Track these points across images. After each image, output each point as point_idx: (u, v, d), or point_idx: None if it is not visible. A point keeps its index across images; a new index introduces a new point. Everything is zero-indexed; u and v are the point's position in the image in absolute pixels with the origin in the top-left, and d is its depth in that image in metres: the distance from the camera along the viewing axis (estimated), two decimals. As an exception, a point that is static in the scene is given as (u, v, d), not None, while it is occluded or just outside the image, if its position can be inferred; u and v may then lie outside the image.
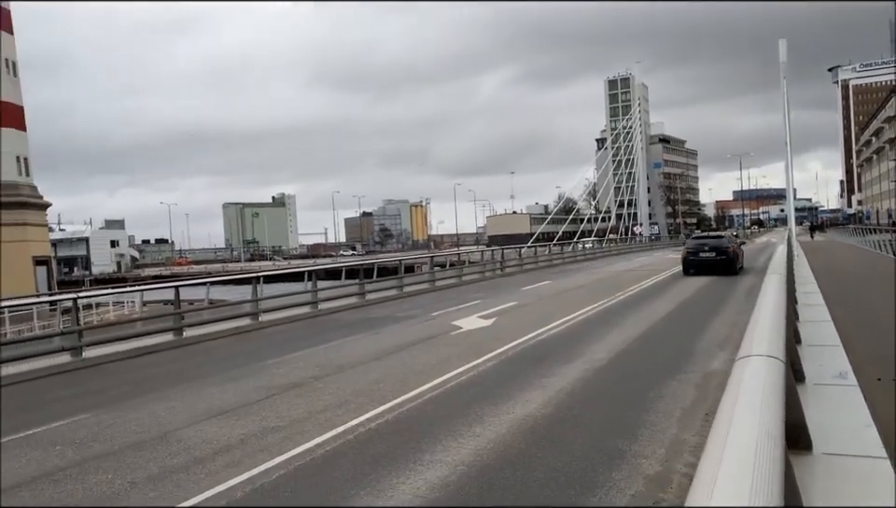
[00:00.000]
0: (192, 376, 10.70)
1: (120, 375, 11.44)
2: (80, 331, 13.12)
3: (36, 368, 11.90)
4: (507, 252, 36.24)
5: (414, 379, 9.08)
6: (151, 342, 14.33)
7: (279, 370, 10.57)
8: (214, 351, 13.74)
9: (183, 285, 16.79)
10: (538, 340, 11.89)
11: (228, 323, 16.51)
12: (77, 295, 14.03)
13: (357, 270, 23.08)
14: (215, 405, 8.43)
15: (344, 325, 16.15)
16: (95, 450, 6.84)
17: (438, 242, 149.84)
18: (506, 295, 20.57)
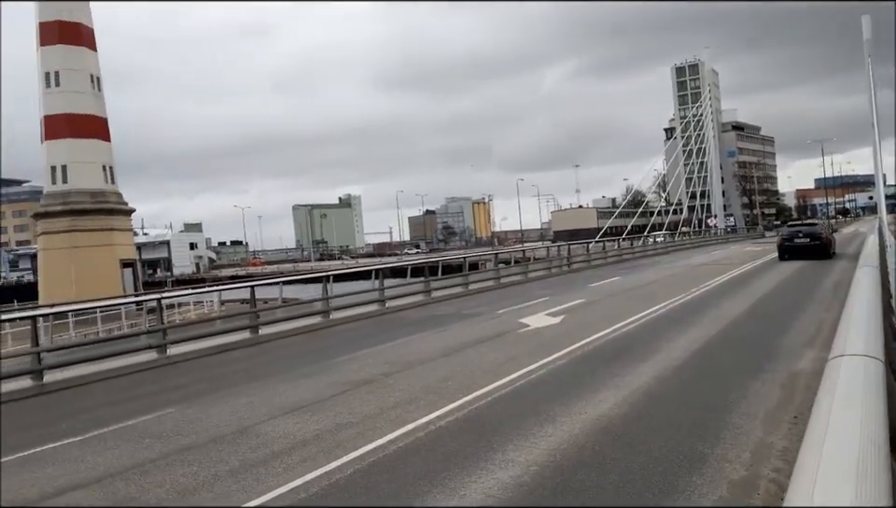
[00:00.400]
0: (268, 373, 11.02)
1: (202, 372, 11.90)
2: (164, 330, 13.73)
3: (126, 365, 12.53)
4: (573, 248, 35.69)
5: (483, 377, 9.06)
6: (229, 340, 14.85)
7: (350, 367, 10.76)
8: (288, 348, 14.12)
9: (258, 285, 17.32)
10: (609, 338, 11.67)
11: (300, 321, 16.94)
12: (160, 296, 14.68)
13: (422, 268, 23.25)
14: (290, 401, 8.66)
15: (411, 323, 16.30)
16: (180, 443, 7.14)
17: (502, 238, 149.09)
18: (574, 292, 20.28)
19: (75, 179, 35.10)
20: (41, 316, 13.42)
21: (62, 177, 35.16)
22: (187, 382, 10.93)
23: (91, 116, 35.85)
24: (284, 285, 20.15)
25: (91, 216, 34.86)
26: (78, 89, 35.30)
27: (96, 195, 35.50)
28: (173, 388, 10.41)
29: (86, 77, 35.79)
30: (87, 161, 35.44)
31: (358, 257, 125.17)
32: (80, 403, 9.90)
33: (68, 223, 34.39)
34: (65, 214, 34.54)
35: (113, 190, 36.90)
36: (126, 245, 37.66)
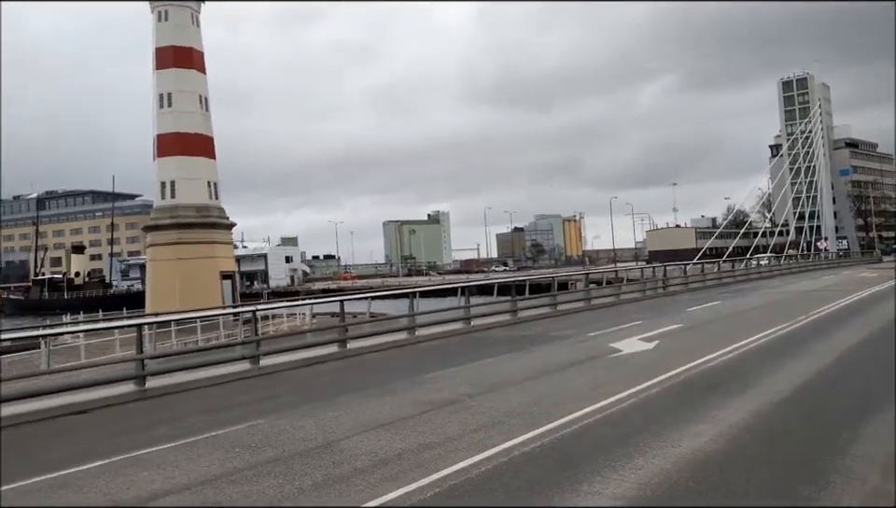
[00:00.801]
0: (355, 388, 11.14)
1: (292, 384, 12.19)
2: (258, 341, 14.20)
3: (221, 374, 13.02)
4: (670, 269, 34.39)
5: (570, 403, 8.78)
6: (319, 353, 15.17)
7: (434, 385, 10.72)
8: (374, 364, 14.27)
9: (347, 299, 17.67)
10: (707, 367, 11.08)
11: (387, 337, 17.12)
12: (255, 308, 15.21)
13: (509, 286, 23.03)
14: (375, 417, 8.69)
15: (497, 342, 16.12)
16: (268, 454, 7.28)
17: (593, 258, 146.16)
18: (669, 316, 19.49)
19: (182, 194, 37.25)
20: (146, 324, 14.21)
21: (170, 192, 37.40)
22: (277, 393, 11.21)
23: (198, 134, 38.00)
24: (372, 300, 20.46)
25: (195, 229, 36.84)
26: (188, 109, 37.54)
27: (201, 210, 37.50)
28: (264, 399, 10.69)
29: (195, 98, 38.02)
30: (193, 177, 37.54)
31: (445, 273, 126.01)
32: (178, 410, 10.33)
33: (174, 236, 36.49)
34: (172, 227, 36.67)
35: (216, 205, 38.85)
36: (226, 257, 39.48)
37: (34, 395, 11.11)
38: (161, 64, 37.56)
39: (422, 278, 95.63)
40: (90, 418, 10.19)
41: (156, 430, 8.85)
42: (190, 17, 38.09)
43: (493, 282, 25.32)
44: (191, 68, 37.99)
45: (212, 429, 8.59)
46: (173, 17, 37.41)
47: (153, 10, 37.83)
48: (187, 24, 37.89)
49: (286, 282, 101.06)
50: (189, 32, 38.00)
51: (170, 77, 37.39)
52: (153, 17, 37.93)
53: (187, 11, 37.81)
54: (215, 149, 39.41)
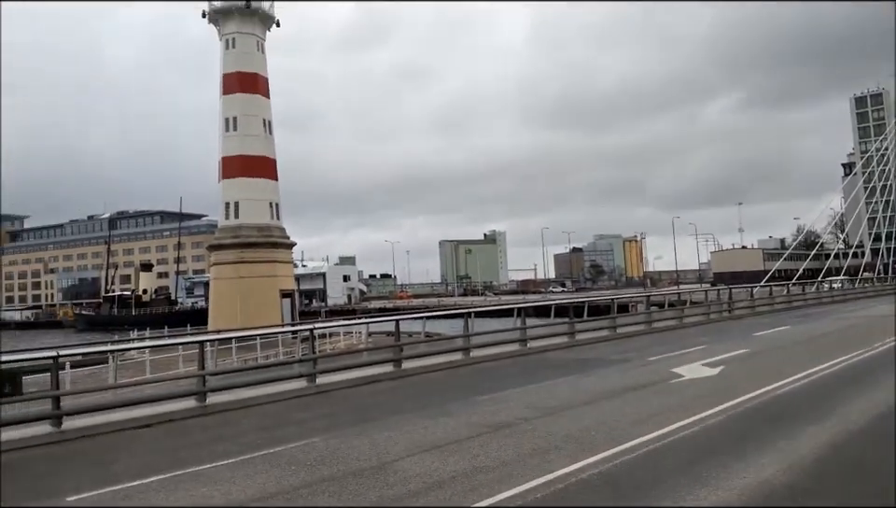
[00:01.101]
0: (409, 408, 11.11)
1: (347, 403, 12.27)
2: (315, 360, 14.37)
3: (279, 391, 13.21)
4: (735, 292, 33.26)
5: (630, 429, 8.53)
6: (374, 372, 15.24)
7: (489, 407, 10.60)
8: (429, 384, 14.23)
9: (403, 318, 17.74)
10: (774, 394, 10.60)
11: (441, 357, 17.08)
12: (313, 326, 15.42)
13: (567, 308, 22.69)
14: (429, 438, 8.64)
15: (553, 365, 15.86)
16: (323, 473, 7.31)
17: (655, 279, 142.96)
18: (735, 341, 18.79)
19: (245, 215, 38.34)
20: (208, 341, 14.59)
21: (234, 213, 38.56)
22: (333, 412, 11.29)
23: (261, 157, 39.14)
24: (427, 319, 20.48)
25: (257, 248, 37.81)
26: (252, 132, 38.76)
27: (262, 229, 38.48)
28: (320, 418, 10.77)
29: (259, 122, 39.23)
30: (256, 198, 38.62)
31: (501, 293, 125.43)
32: (237, 427, 10.51)
33: (237, 255, 37.52)
34: (235, 246, 37.73)
35: (277, 225, 39.81)
36: (286, 276, 40.31)
37: (102, 409, 11.51)
38: (227, 90, 38.96)
39: (477, 298, 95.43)
40: (153, 432, 10.47)
41: (215, 446, 9.01)
42: (256, 44, 39.44)
43: (550, 303, 25.02)
44: (256, 93, 39.25)
45: (269, 446, 8.70)
46: (239, 44, 38.82)
47: (221, 38, 39.35)
48: (252, 51, 39.25)
49: (343, 300, 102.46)
50: (254, 58, 39.34)
51: (236, 102, 38.73)
52: (221, 45, 39.45)
53: (252, 39, 39.18)
54: (277, 171, 40.48)
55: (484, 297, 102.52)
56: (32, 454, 9.32)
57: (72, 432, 10.28)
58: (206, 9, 39.15)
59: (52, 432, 10.25)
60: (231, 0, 38.72)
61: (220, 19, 39.02)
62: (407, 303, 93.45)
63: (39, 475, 8.23)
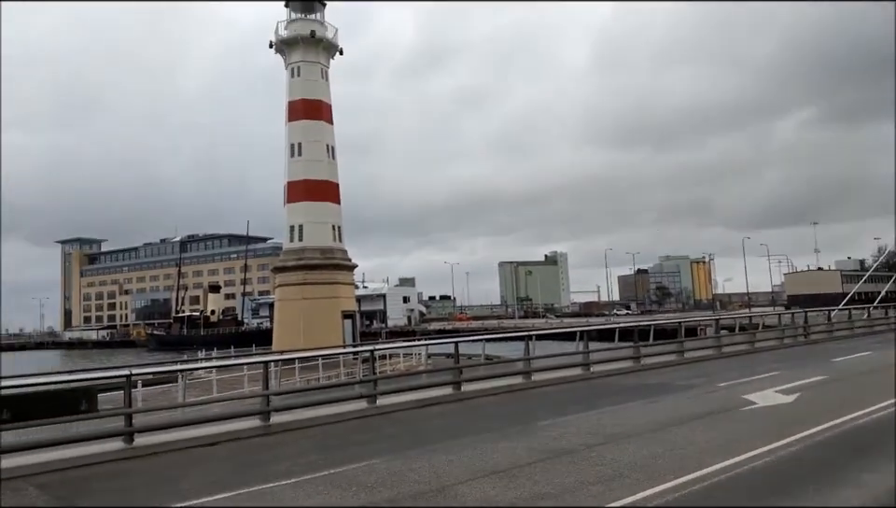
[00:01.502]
0: (469, 431, 11.02)
1: (407, 425, 12.26)
2: (375, 381, 14.45)
3: (340, 412, 13.33)
4: (811, 315, 31.83)
5: (698, 458, 8.20)
6: (433, 394, 15.21)
7: (551, 433, 10.40)
8: (488, 408, 14.09)
9: (462, 340, 17.67)
10: (855, 424, 10.02)
11: (501, 380, 16.91)
12: (374, 347, 15.55)
13: (632, 331, 22.16)
14: (489, 463, 8.53)
15: (617, 390, 15.47)
16: (383, 495, 7.31)
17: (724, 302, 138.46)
18: (811, 367, 17.92)
19: (308, 238, 39.21)
20: (272, 361, 14.90)
21: (298, 235, 39.49)
22: (393, 434, 11.30)
23: (325, 181, 40.05)
24: (487, 342, 20.37)
25: (319, 270, 38.54)
26: (316, 158, 39.75)
27: (325, 252, 39.24)
28: (380, 439, 10.80)
29: (323, 148, 40.22)
30: (319, 221, 39.47)
31: (563, 316, 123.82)
32: (299, 447, 10.65)
33: (301, 277, 38.33)
34: (299, 268, 38.57)
35: (339, 248, 40.53)
36: (348, 297, 40.90)
37: (171, 426, 11.86)
38: (292, 117, 40.18)
39: (538, 321, 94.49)
40: (219, 451, 10.71)
41: (278, 466, 9.13)
42: (320, 72, 40.61)
43: (614, 326, 24.50)
44: (320, 119, 40.31)
45: (330, 466, 8.76)
46: (304, 73, 40.04)
47: (287, 67, 40.71)
48: (317, 79, 40.41)
49: (403, 322, 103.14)
50: (318, 86, 40.48)
51: (300, 129, 39.86)
52: (287, 73, 40.80)
53: (317, 67, 40.37)
54: (339, 195, 41.32)
55: (545, 319, 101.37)
56: (105, 469, 9.65)
57: (143, 449, 10.62)
58: (273, 40, 40.58)
59: (125, 448, 10.61)
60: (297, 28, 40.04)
61: (286, 49, 40.38)
62: (466, 324, 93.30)
63: (112, 491, 8.52)
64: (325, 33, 40.74)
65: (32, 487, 8.60)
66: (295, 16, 40.82)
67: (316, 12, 41.26)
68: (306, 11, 40.86)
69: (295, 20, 40.65)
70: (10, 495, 8.30)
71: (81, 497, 8.14)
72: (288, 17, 40.98)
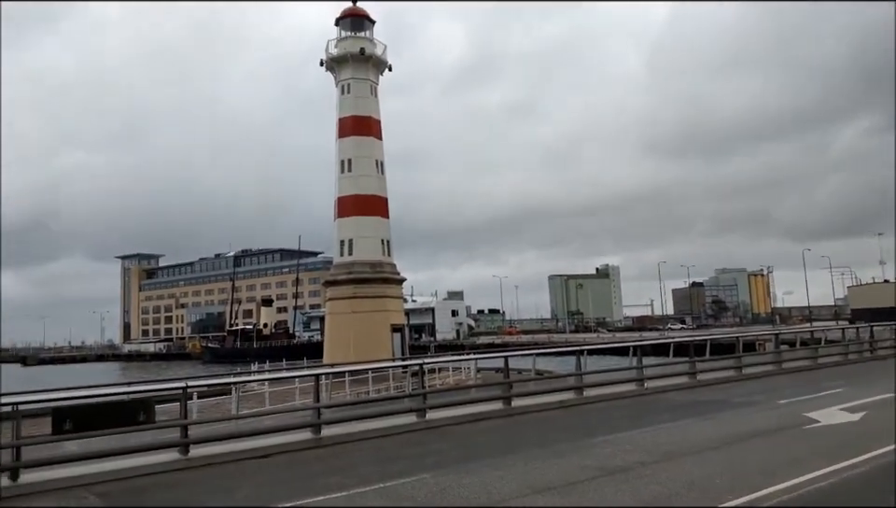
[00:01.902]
0: (520, 447, 10.89)
1: (457, 440, 12.19)
2: (425, 395, 14.44)
3: (390, 426, 13.35)
4: (877, 330, 30.45)
5: (758, 478, 7.89)
6: (483, 409, 15.09)
7: (604, 450, 10.18)
8: (539, 423, 13.90)
9: (512, 355, 17.52)
10: (927, 445, 9.50)
11: (553, 396, 16.69)
12: (423, 361, 15.54)
13: (687, 346, 21.58)
14: (540, 480, 8.39)
15: (672, 407, 15.08)
16: (433, 512, 7.26)
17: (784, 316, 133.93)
18: (879, 384, 17.09)
19: (358, 252, 39.62)
20: (323, 374, 15.05)
21: (348, 250, 39.94)
22: (442, 448, 11.24)
23: (374, 196, 40.48)
24: (537, 356, 20.15)
25: (369, 284, 38.84)
26: (365, 173, 40.23)
27: (374, 266, 39.57)
28: (429, 454, 10.74)
29: (372, 163, 40.70)
30: (368, 235, 39.85)
31: (615, 330, 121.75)
32: (350, 459, 10.69)
33: (350, 291, 38.70)
34: (348, 282, 38.97)
35: (388, 261, 40.83)
36: (397, 311, 41.08)
37: (225, 438, 12.08)
38: (342, 133, 40.83)
39: (590, 335, 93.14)
40: (271, 463, 10.83)
41: (330, 479, 9.17)
42: (369, 88, 41.19)
43: (668, 341, 23.92)
44: (369, 135, 40.83)
45: (381, 480, 8.75)
46: (354, 90, 40.68)
47: (337, 85, 41.45)
48: (366, 95, 40.99)
49: (451, 335, 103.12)
50: (367, 102, 41.05)
51: (350, 145, 40.44)
52: (337, 91, 41.52)
53: (366, 84, 40.96)
54: (388, 209, 41.70)
55: (597, 334, 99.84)
56: (162, 480, 9.88)
57: (198, 460, 10.83)
58: (324, 58, 41.40)
59: (180, 459, 10.84)
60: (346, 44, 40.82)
61: (336, 66, 41.11)
62: (516, 338, 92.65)
63: (168, 501, 8.70)
64: (374, 50, 41.33)
65: (93, 496, 8.86)
66: (345, 34, 41.56)
67: (366, 30, 41.91)
68: (356, 29, 41.56)
69: (345, 38, 41.39)
70: (73, 503, 8.56)
71: (141, 506, 8.33)
72: (339, 35, 41.75)
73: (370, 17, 42.34)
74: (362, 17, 42.01)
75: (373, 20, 42.49)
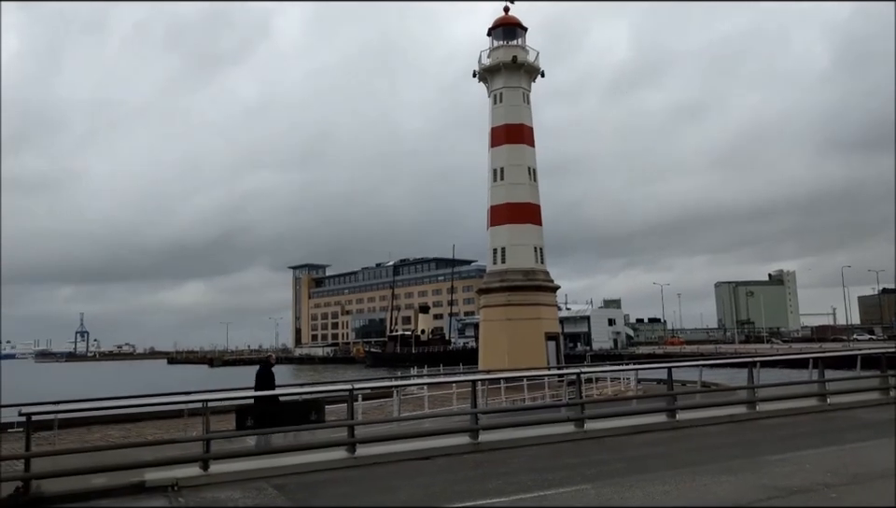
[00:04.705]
0: (686, 462, 10.30)
1: (617, 451, 11.77)
2: (583, 404, 14.11)
3: (546, 434, 13.19)
4: None
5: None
6: (645, 421, 14.48)
7: (781, 469, 9.36)
8: (707, 438, 13.09)
9: (676, 366, 16.66)
10: None
11: (721, 409, 15.66)
12: (580, 370, 15.22)
13: (878, 358, 19.31)
14: (709, 497, 7.90)
15: (861, 425, 13.59)
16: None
17: None
18: None
19: (511, 260, 39.71)
20: (479, 380, 15.20)
21: (501, 258, 40.17)
22: (602, 459, 10.91)
23: (526, 204, 40.43)
24: (704, 368, 18.99)
25: (522, 292, 38.75)
26: (518, 181, 40.30)
27: (527, 273, 39.44)
28: (589, 464, 10.48)
29: (524, 171, 40.69)
30: (521, 243, 39.83)
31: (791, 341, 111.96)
32: (507, 466, 10.68)
33: (504, 298, 38.84)
34: (502, 290, 39.15)
35: (541, 269, 40.53)
36: (550, 319, 40.61)
37: (388, 439, 12.58)
38: (495, 142, 41.23)
39: (762, 346, 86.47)
40: (431, 465, 11.11)
41: (487, 483, 9.23)
42: (522, 96, 41.28)
43: (855, 353, 21.57)
44: (522, 143, 40.87)
45: (540, 489, 8.67)
46: (506, 98, 40.96)
47: (490, 95, 41.98)
48: (518, 103, 41.11)
49: (608, 345, 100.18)
50: (520, 110, 41.15)
51: (503, 154, 40.73)
52: (490, 100, 42.05)
53: (518, 92, 41.08)
54: (541, 216, 41.45)
55: (770, 344, 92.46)
56: (332, 476, 10.47)
57: (364, 459, 11.36)
58: (477, 69, 42.12)
59: (348, 458, 11.43)
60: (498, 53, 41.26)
61: (489, 76, 41.64)
62: (679, 349, 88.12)
63: (337, 496, 9.19)
64: (526, 57, 41.38)
65: (271, 488, 9.59)
66: (497, 43, 41.99)
67: (518, 38, 42.06)
68: (508, 38, 41.84)
69: (497, 47, 41.81)
70: (254, 494, 9.31)
71: (313, 499, 8.88)
72: (491, 45, 42.28)
73: (521, 24, 42.44)
74: (514, 25, 42.21)
75: (525, 27, 42.54)
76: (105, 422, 18.16)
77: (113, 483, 9.83)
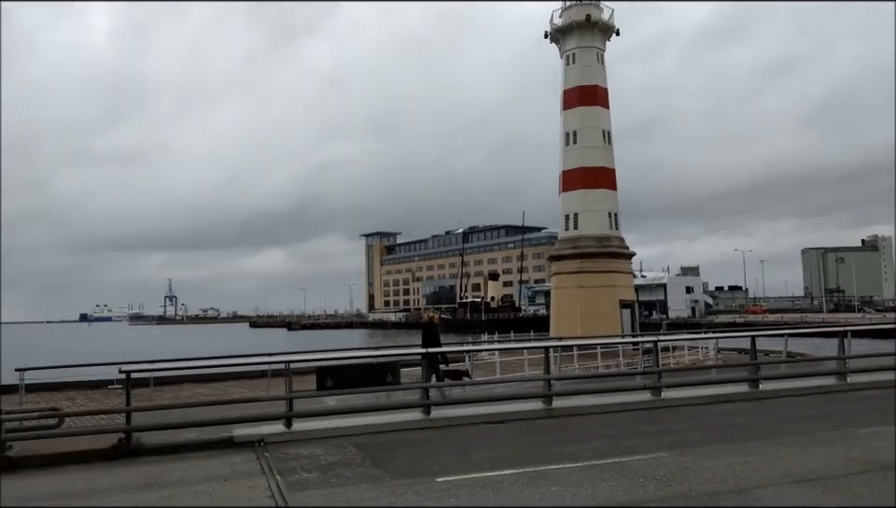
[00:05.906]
0: (769, 433, 9.98)
1: (695, 420, 11.52)
2: (659, 373, 13.85)
3: (621, 402, 13.07)
4: None
5: None
6: (725, 391, 14.11)
7: (875, 443, 8.94)
8: (793, 409, 12.61)
9: (759, 335, 16.10)
10: None
11: (808, 380, 15.06)
12: (657, 338, 14.91)
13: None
14: (796, 469, 7.63)
15: (967, 400, 12.73)
16: (674, 490, 6.97)
17: None
18: None
19: (584, 226, 39.01)
20: (552, 347, 15.13)
21: (573, 224, 39.51)
22: (680, 428, 10.71)
23: (601, 168, 39.46)
24: (790, 337, 18.26)
25: (595, 259, 38.07)
26: (591, 144, 39.31)
27: (601, 240, 38.67)
28: (666, 433, 10.31)
29: (598, 134, 39.65)
30: (594, 209, 39.01)
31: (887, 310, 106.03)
32: (582, 432, 10.64)
33: (576, 265, 38.28)
34: (574, 257, 38.57)
35: (616, 235, 39.67)
36: (625, 286, 39.82)
37: (461, 402, 12.73)
38: (567, 105, 40.26)
39: (853, 315, 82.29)
40: (505, 429, 11.19)
41: (562, 448, 9.22)
42: (596, 56, 40.01)
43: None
44: (595, 105, 39.76)
45: (615, 455, 8.60)
46: (579, 59, 39.79)
47: (562, 56, 40.91)
48: (592, 63, 39.88)
49: (686, 313, 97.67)
50: (594, 71, 39.94)
51: (575, 116, 39.75)
52: (562, 62, 40.99)
53: (592, 52, 39.83)
54: (616, 181, 40.44)
55: (862, 314, 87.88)
56: (408, 437, 10.71)
57: (439, 421, 11.56)
58: (549, 30, 41.07)
59: (423, 419, 11.65)
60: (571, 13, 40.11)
61: (561, 37, 40.52)
62: (762, 318, 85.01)
63: (414, 455, 9.40)
64: (600, 15, 40.02)
65: (351, 446, 9.90)
66: (569, 2, 40.76)
67: (591, -5, 40.74)
68: (581, -4, 40.59)
69: (570, 6, 40.57)
70: (335, 451, 9.64)
71: (391, 458, 9.11)
72: (563, 4, 41.07)
73: (596, -20, 41.06)
74: (588, -18, 40.91)
75: (599, -17, 41.11)
76: (195, 381, 19.18)
77: (204, 437, 10.38)
